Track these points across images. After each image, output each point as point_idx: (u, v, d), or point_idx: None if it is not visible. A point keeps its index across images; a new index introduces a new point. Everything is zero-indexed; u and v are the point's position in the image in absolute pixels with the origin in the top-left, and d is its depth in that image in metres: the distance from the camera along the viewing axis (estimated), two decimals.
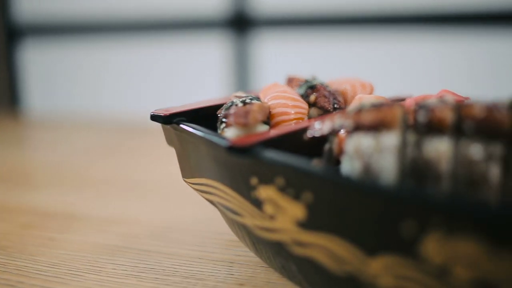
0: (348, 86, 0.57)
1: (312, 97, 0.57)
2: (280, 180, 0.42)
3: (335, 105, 0.56)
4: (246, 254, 0.58)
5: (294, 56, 1.70)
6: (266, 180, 0.43)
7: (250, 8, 1.73)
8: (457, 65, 1.56)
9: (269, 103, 0.53)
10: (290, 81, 0.61)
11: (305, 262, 0.44)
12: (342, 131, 0.43)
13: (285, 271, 0.50)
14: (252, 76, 1.77)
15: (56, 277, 0.54)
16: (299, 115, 0.52)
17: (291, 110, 0.52)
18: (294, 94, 0.55)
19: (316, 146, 0.50)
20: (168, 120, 0.53)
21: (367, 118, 0.40)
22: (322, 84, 0.58)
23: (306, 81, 0.59)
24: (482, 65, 1.54)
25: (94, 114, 1.52)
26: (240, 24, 1.75)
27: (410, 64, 1.60)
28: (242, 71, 1.78)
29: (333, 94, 0.57)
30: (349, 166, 0.41)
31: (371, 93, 0.57)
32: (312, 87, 0.58)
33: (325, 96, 0.56)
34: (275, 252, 0.48)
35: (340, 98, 0.57)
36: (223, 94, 1.69)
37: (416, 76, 1.59)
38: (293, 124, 0.51)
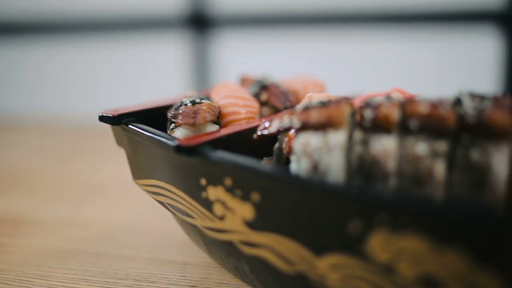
0: (299, 85, 0.57)
1: (264, 97, 0.57)
2: (228, 181, 0.42)
3: (287, 105, 0.56)
4: (199, 255, 0.57)
5: (254, 55, 1.70)
6: (214, 180, 0.43)
7: (208, 7, 1.72)
8: (413, 64, 1.58)
9: (220, 103, 0.53)
10: (243, 81, 0.61)
11: (256, 263, 0.43)
12: (291, 130, 0.43)
13: (237, 272, 0.50)
14: (212, 75, 1.76)
15: (4, 283, 0.53)
16: (249, 115, 0.52)
17: (241, 110, 0.52)
18: (245, 93, 0.55)
19: (268, 146, 0.50)
20: (117, 121, 0.52)
21: (314, 116, 0.40)
22: (274, 84, 0.58)
23: (258, 81, 0.59)
24: (439, 63, 1.57)
25: (48, 116, 1.49)
26: (199, 23, 1.74)
27: (365, 63, 1.61)
28: (201, 71, 1.77)
29: (284, 94, 0.57)
30: (297, 165, 0.41)
31: (322, 91, 0.57)
32: (264, 87, 0.58)
33: (276, 96, 0.56)
34: (227, 253, 0.48)
35: (292, 98, 0.57)
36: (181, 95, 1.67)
37: (371, 74, 1.60)
38: (243, 124, 0.51)
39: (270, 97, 0.56)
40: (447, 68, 1.57)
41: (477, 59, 1.55)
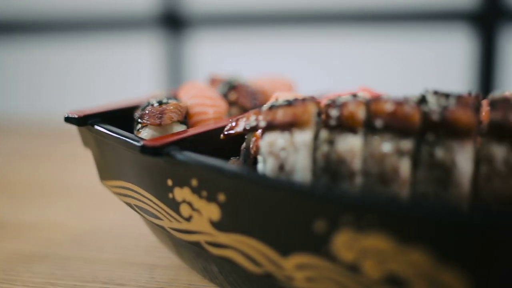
0: (268, 85, 0.57)
1: (233, 96, 0.56)
2: (194, 181, 0.41)
3: (255, 104, 0.55)
4: (168, 257, 0.57)
5: (227, 55, 1.69)
6: (180, 181, 0.42)
7: (181, 6, 1.71)
8: (384, 63, 1.59)
9: (188, 103, 0.52)
10: (212, 81, 0.61)
11: (224, 263, 0.43)
12: (258, 130, 0.43)
13: (206, 273, 0.49)
14: (185, 75, 1.75)
15: None
16: (217, 115, 0.52)
17: (209, 110, 0.52)
18: (213, 93, 0.54)
19: (237, 146, 0.49)
20: (82, 121, 0.51)
21: (280, 115, 0.40)
22: (242, 84, 0.58)
23: (227, 81, 0.59)
24: (411, 63, 1.58)
25: (16, 117, 1.47)
26: (172, 22, 1.73)
27: (337, 62, 1.62)
28: (175, 70, 1.76)
29: (253, 93, 0.56)
30: (263, 165, 0.41)
31: (290, 91, 0.57)
32: (232, 87, 0.57)
33: (245, 95, 0.56)
34: (195, 254, 0.47)
35: (260, 97, 0.57)
36: None
37: (343, 74, 1.61)
38: (211, 124, 0.51)
39: (239, 97, 0.56)
40: (419, 68, 1.59)
41: (449, 58, 1.57)
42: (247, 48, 1.68)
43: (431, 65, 1.57)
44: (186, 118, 0.51)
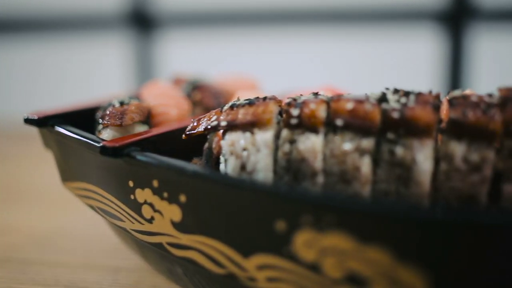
0: (232, 84, 0.57)
1: (197, 96, 0.56)
2: (155, 182, 0.41)
3: (220, 104, 0.55)
4: (133, 259, 0.56)
5: (197, 54, 1.68)
6: (142, 183, 0.42)
7: (151, 5, 1.70)
8: (353, 62, 1.60)
9: (150, 103, 0.52)
10: (176, 81, 0.60)
11: (188, 265, 0.43)
12: (219, 129, 0.42)
13: (171, 275, 0.49)
14: (155, 75, 1.74)
15: None
16: (181, 115, 0.51)
17: (172, 110, 0.51)
18: (176, 93, 0.54)
19: (200, 146, 0.49)
20: (43, 122, 0.50)
21: (241, 115, 0.40)
22: (207, 83, 0.57)
23: (191, 81, 0.58)
24: (380, 62, 1.59)
25: None
26: (141, 21, 1.71)
27: (305, 61, 1.62)
28: (144, 70, 1.74)
29: (217, 93, 0.56)
30: (225, 165, 0.40)
31: (254, 90, 0.56)
32: (197, 87, 0.57)
33: (209, 95, 0.55)
34: (159, 256, 0.47)
35: (224, 97, 0.56)
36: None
37: (311, 73, 1.61)
38: (174, 124, 0.50)
39: (203, 97, 0.55)
40: (387, 67, 1.60)
41: (417, 57, 1.58)
42: (216, 47, 1.67)
43: (400, 64, 1.58)
44: (148, 119, 0.50)
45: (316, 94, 0.41)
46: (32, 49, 1.78)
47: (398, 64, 1.58)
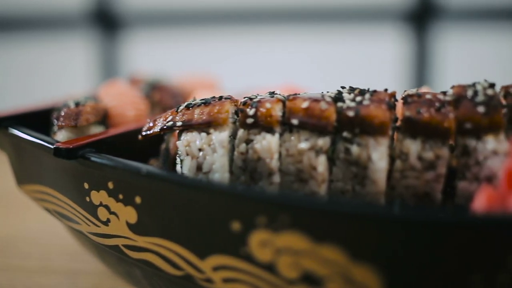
0: (191, 84, 0.56)
1: (156, 97, 0.55)
2: (110, 184, 0.40)
3: (179, 104, 0.55)
4: (92, 263, 0.55)
5: (162, 53, 1.67)
6: (97, 185, 0.41)
7: (115, 4, 1.68)
8: (317, 61, 1.60)
9: (107, 104, 0.51)
10: (133, 81, 0.59)
11: (145, 267, 0.42)
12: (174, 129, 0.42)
13: (130, 278, 0.48)
14: (121, 75, 1.72)
15: None
16: (138, 115, 0.51)
17: (130, 110, 0.50)
18: (134, 94, 0.53)
19: (158, 146, 0.49)
20: None
21: (197, 115, 0.39)
22: (166, 84, 0.57)
23: (150, 81, 0.58)
24: (345, 61, 1.60)
25: None
26: (105, 21, 1.69)
27: (271, 60, 1.62)
28: (109, 70, 1.72)
29: (176, 93, 0.56)
30: (181, 166, 0.40)
31: (212, 89, 0.56)
32: (156, 87, 0.56)
33: (168, 95, 0.55)
34: (117, 258, 0.46)
35: (184, 97, 0.56)
36: None
37: (275, 72, 1.61)
38: (131, 125, 0.49)
39: (162, 97, 0.55)
40: (352, 66, 1.60)
41: (382, 56, 1.59)
42: (181, 47, 1.66)
43: (365, 64, 1.59)
44: (105, 119, 0.49)
45: (272, 93, 0.41)
46: None
47: (364, 63, 1.59)
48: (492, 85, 0.39)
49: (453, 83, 0.41)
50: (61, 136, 0.46)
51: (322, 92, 0.40)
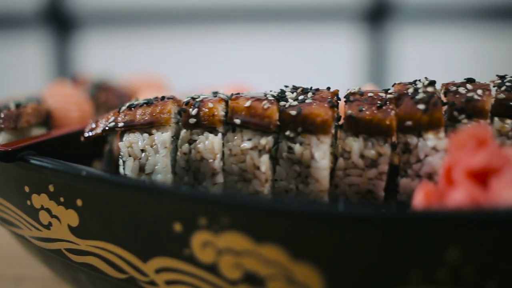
0: (137, 84, 0.56)
1: (102, 97, 0.54)
2: (51, 187, 0.39)
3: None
4: (37, 267, 0.54)
5: (115, 53, 1.65)
6: (38, 188, 0.40)
7: (68, 3, 1.64)
8: (271, 61, 1.60)
9: (51, 105, 0.50)
10: (78, 82, 0.58)
11: (89, 271, 0.41)
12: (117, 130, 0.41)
13: (75, 282, 0.47)
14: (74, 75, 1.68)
15: None
16: (82, 117, 0.50)
17: (73, 112, 0.49)
18: (79, 95, 0.52)
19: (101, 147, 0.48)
20: None
21: (139, 115, 0.39)
22: (112, 84, 0.56)
23: (96, 81, 0.57)
24: (299, 60, 1.61)
25: None
26: (58, 20, 1.65)
27: (224, 60, 1.61)
28: (64, 71, 1.69)
29: (123, 94, 0.55)
30: (123, 167, 0.39)
31: (159, 89, 0.55)
32: (101, 87, 0.55)
33: (114, 96, 0.54)
34: (61, 263, 0.45)
35: (130, 97, 0.55)
36: None
37: (229, 71, 1.60)
38: (75, 126, 0.48)
39: (108, 98, 0.54)
40: (308, 66, 1.61)
41: (338, 56, 1.60)
42: (135, 47, 1.64)
43: (321, 63, 1.60)
44: (48, 121, 0.48)
45: (215, 93, 0.41)
46: None
47: (320, 63, 1.60)
48: (432, 83, 0.39)
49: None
50: (1, 138, 0.45)
51: (265, 92, 0.40)
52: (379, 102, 0.38)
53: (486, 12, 1.57)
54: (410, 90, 0.39)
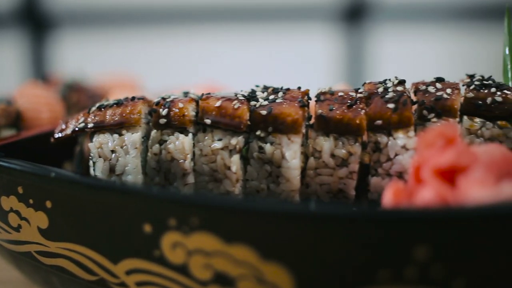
0: (110, 85, 0.55)
1: (73, 98, 0.54)
2: (20, 189, 0.38)
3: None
4: (8, 271, 0.53)
5: (91, 53, 1.63)
6: (6, 189, 0.39)
7: (45, 2, 1.63)
8: (247, 61, 1.60)
9: (21, 106, 0.49)
10: (49, 82, 0.58)
11: (60, 273, 0.41)
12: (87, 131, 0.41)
13: (47, 285, 0.47)
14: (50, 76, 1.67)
15: None
16: (53, 118, 0.49)
17: (44, 113, 0.49)
18: (50, 95, 0.52)
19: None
20: None
21: (109, 116, 0.38)
22: (83, 85, 0.55)
23: (68, 82, 0.56)
24: (276, 59, 1.60)
25: None
26: (34, 19, 1.64)
27: (200, 59, 1.61)
28: (38, 71, 1.67)
29: (94, 94, 0.54)
30: (93, 168, 0.39)
31: (132, 89, 0.55)
32: (73, 88, 0.55)
33: (86, 97, 0.54)
34: (32, 266, 0.45)
35: (102, 97, 0.55)
36: None
37: (205, 71, 1.59)
38: (46, 127, 0.48)
39: (79, 98, 0.53)
40: (285, 66, 1.61)
41: (315, 55, 1.60)
42: (111, 47, 1.63)
43: (298, 63, 1.60)
44: (18, 122, 0.48)
45: (186, 93, 0.40)
46: None
47: (297, 63, 1.60)
48: (402, 82, 0.40)
49: None
50: None
51: (235, 91, 0.40)
52: (349, 101, 0.38)
53: (462, 12, 1.59)
54: (380, 89, 0.39)
